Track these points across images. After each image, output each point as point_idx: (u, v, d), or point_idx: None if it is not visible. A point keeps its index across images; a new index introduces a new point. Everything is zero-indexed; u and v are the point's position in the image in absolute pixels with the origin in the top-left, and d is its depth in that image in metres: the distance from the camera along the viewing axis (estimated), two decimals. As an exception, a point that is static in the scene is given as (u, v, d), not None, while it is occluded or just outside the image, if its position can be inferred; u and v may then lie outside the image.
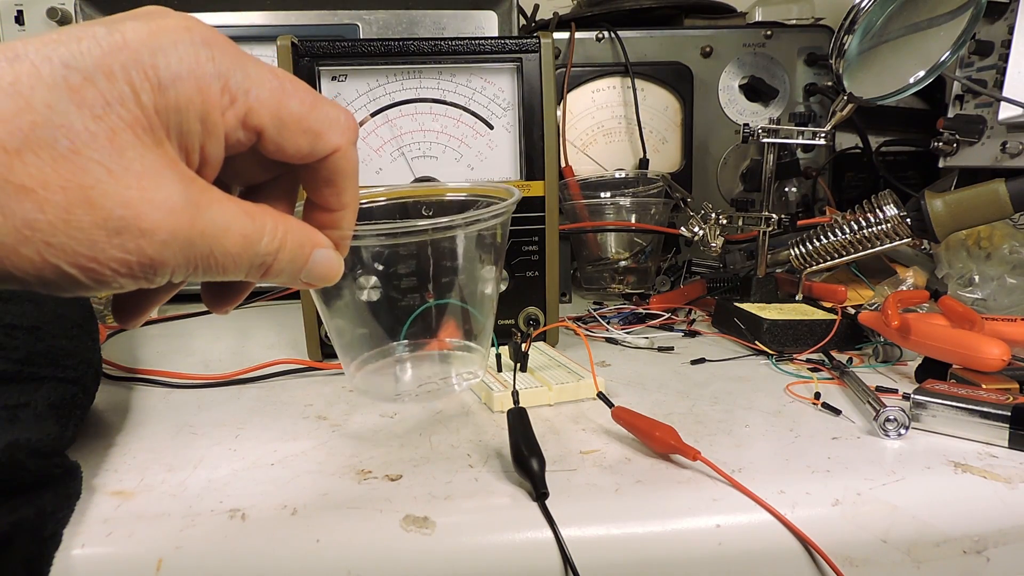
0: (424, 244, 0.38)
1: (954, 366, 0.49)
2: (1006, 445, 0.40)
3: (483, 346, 0.44)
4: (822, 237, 0.68)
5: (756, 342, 0.59)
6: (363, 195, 0.45)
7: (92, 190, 0.21)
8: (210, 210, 0.23)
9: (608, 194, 0.85)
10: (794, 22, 1.02)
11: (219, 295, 0.29)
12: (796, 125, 0.70)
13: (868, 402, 0.44)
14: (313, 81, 0.56)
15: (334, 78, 0.57)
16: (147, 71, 0.21)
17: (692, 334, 0.66)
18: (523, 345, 0.51)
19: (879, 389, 0.49)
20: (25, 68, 0.20)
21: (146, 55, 0.21)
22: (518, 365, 0.50)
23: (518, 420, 0.40)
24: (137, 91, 0.21)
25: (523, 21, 0.97)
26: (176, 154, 0.23)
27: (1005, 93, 0.69)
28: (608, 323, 0.69)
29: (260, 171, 0.28)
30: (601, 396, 0.46)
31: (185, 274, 0.23)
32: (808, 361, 0.56)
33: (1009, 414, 0.40)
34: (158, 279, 0.23)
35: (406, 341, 0.43)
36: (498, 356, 0.52)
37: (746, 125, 0.70)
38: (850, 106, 0.65)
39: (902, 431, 0.41)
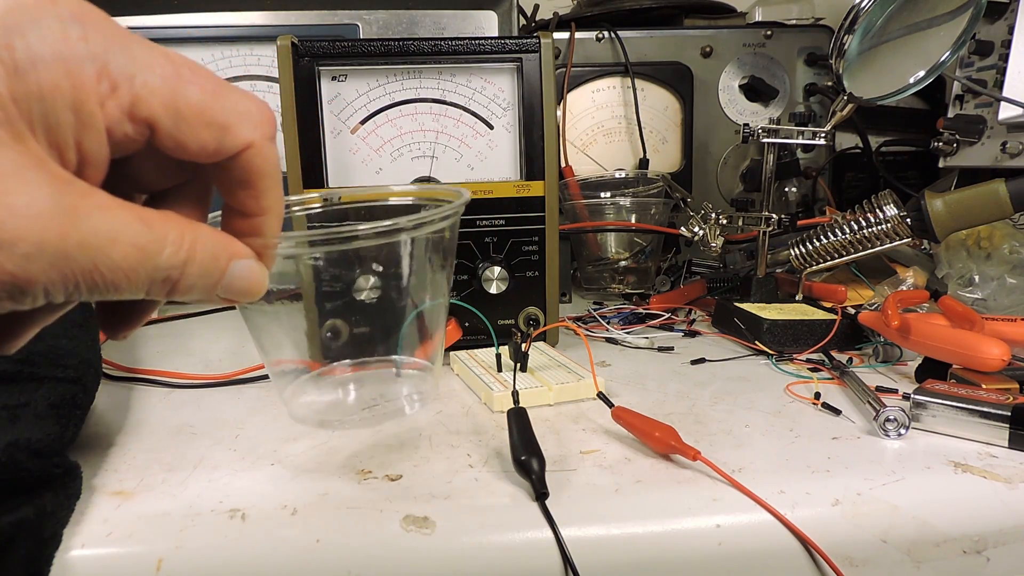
0: (368, 249, 0.33)
1: (954, 366, 0.49)
2: (1006, 445, 0.40)
3: (436, 362, 0.40)
4: (822, 237, 0.68)
5: (756, 342, 0.59)
6: (299, 199, 0.42)
7: None
8: (91, 217, 0.19)
9: (608, 194, 0.85)
10: (794, 22, 1.02)
11: (114, 316, 0.25)
12: (796, 125, 0.70)
13: (868, 402, 0.44)
14: (313, 81, 0.56)
15: (334, 78, 0.57)
16: (0, 52, 0.18)
17: (692, 334, 0.66)
18: (523, 345, 0.51)
19: (879, 389, 0.49)
20: None
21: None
22: (518, 365, 0.50)
23: (518, 420, 0.40)
24: None
25: (523, 21, 0.97)
26: (44, 151, 0.19)
27: (1005, 93, 0.69)
28: (608, 323, 0.69)
29: (163, 174, 0.24)
30: (601, 396, 0.46)
31: (65, 293, 0.20)
32: (808, 361, 0.56)
33: (1009, 414, 0.40)
34: (27, 300, 0.19)
35: (348, 361, 0.39)
36: (498, 356, 0.52)
37: (746, 125, 0.70)
38: (850, 106, 0.65)
39: (902, 431, 0.41)
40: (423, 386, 0.40)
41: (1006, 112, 0.70)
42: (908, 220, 0.64)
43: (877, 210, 0.65)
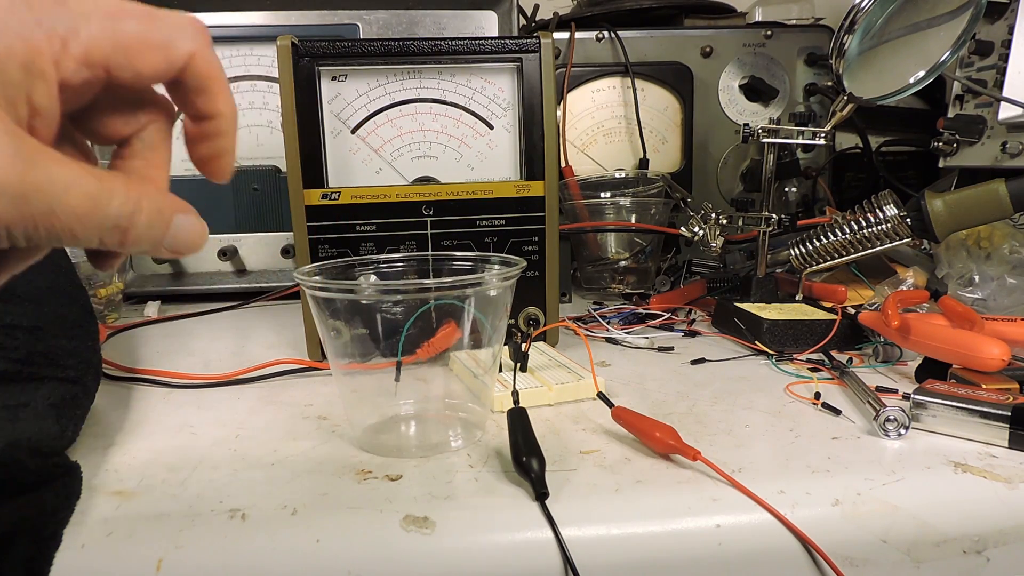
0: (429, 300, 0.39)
1: (954, 366, 0.49)
2: (1006, 445, 0.40)
3: (485, 405, 0.45)
4: (822, 237, 0.68)
5: (756, 342, 0.59)
6: (383, 258, 0.48)
7: None
8: (47, 166, 0.22)
9: (608, 194, 0.85)
10: (794, 22, 1.02)
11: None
12: (796, 125, 0.70)
13: (868, 402, 0.44)
14: (313, 81, 0.56)
15: (334, 78, 0.57)
16: None
17: (692, 334, 0.66)
18: (523, 345, 0.51)
19: (879, 389, 0.49)
20: None
21: None
22: (518, 365, 0.50)
23: (518, 420, 0.40)
24: None
25: (523, 21, 0.97)
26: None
27: (1005, 93, 0.69)
28: (608, 323, 0.69)
29: (122, 120, 0.27)
30: (601, 396, 0.46)
31: (25, 235, 0.22)
32: (808, 361, 0.56)
33: (1009, 414, 0.40)
34: None
35: (412, 400, 0.44)
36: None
37: (746, 125, 0.70)
38: (850, 106, 0.65)
39: (902, 431, 0.41)
40: (472, 428, 0.44)
41: (1006, 112, 0.70)
42: (908, 220, 0.64)
43: (877, 210, 0.65)
